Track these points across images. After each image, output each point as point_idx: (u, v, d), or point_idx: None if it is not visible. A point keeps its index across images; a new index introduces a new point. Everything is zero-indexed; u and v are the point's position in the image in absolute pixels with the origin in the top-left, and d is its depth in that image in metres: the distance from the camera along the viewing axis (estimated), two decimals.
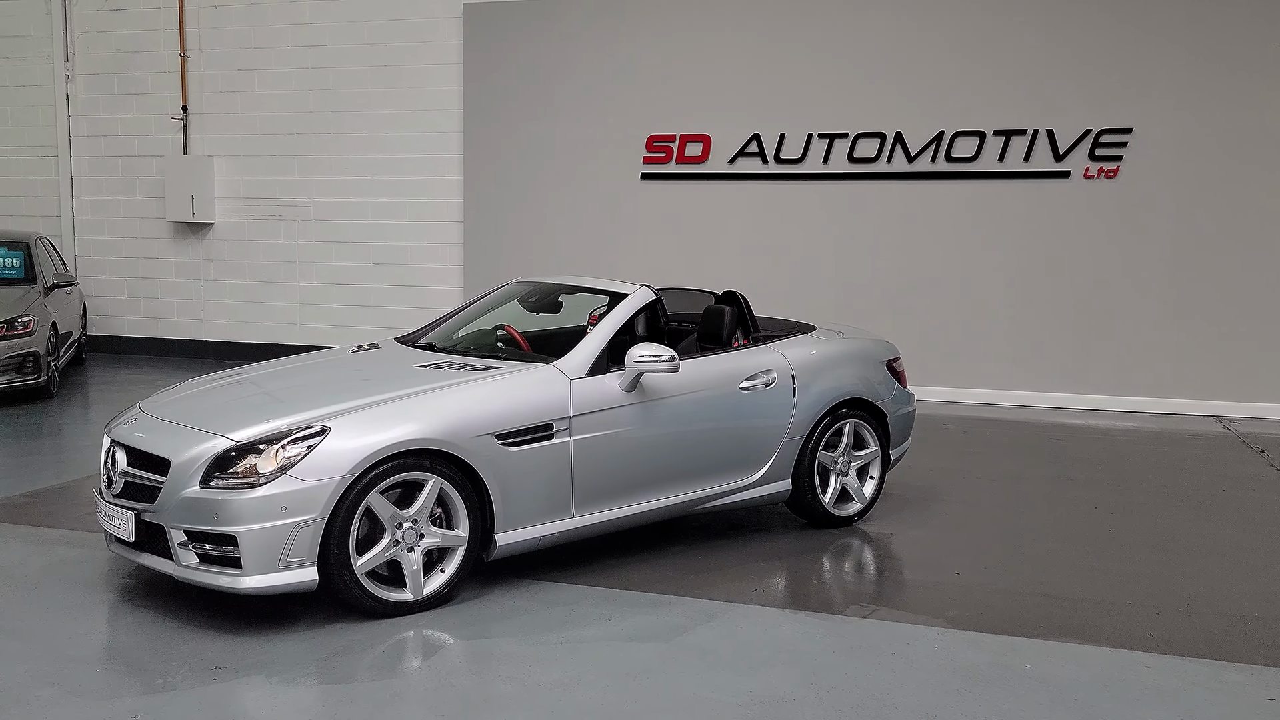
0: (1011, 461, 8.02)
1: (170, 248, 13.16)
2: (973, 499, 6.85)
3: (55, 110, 13.36)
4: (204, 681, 3.93)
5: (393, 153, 12.17)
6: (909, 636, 4.49)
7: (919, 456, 7.96)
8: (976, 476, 7.47)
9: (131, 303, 13.41)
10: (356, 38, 12.19)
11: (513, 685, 3.95)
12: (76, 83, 13.31)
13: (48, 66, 13.34)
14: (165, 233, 13.15)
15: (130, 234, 13.32)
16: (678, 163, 11.27)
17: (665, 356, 5.16)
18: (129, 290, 13.40)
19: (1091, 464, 7.96)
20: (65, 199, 13.46)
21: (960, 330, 10.70)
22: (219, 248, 12.98)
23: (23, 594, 4.81)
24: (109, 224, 13.39)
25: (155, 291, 13.30)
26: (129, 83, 13.10)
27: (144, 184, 13.14)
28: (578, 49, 11.44)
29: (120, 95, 13.16)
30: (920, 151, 10.61)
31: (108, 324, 13.48)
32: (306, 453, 4.37)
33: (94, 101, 13.27)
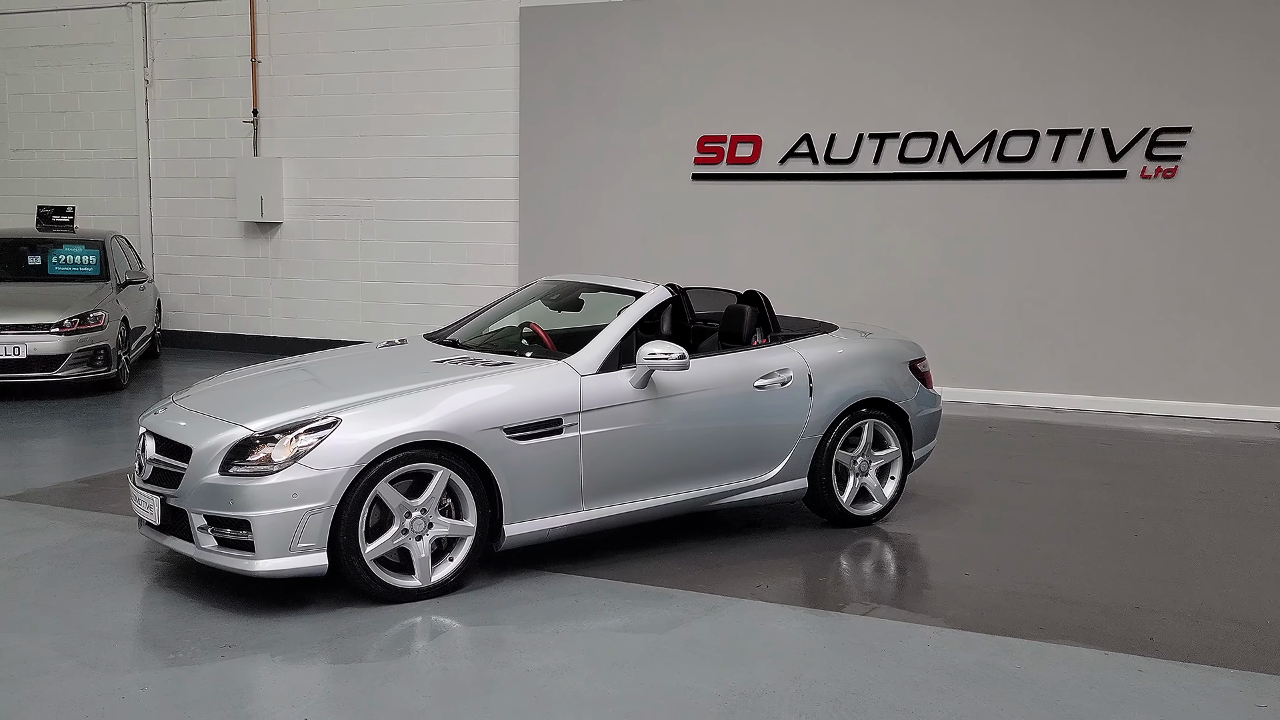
0: (1052, 466, 7.93)
1: (241, 246, 13.62)
2: (1002, 502, 6.80)
3: (135, 114, 13.92)
4: (213, 658, 4.14)
5: (451, 154, 12.44)
6: (903, 634, 4.52)
7: (956, 458, 7.93)
8: (1011, 480, 7.41)
9: (205, 299, 13.91)
10: (417, 41, 12.49)
11: (504, 670, 4.09)
12: (155, 88, 13.85)
13: (129, 72, 13.91)
14: (236, 232, 13.62)
15: (204, 233, 13.82)
16: (728, 163, 11.33)
17: (675, 354, 5.25)
18: (202, 287, 13.90)
19: (1134, 469, 7.84)
20: (144, 199, 14.02)
21: (1013, 333, 10.57)
22: (287, 246, 13.40)
23: (62, 572, 5.10)
24: (184, 223, 13.91)
25: (227, 289, 13.78)
26: (204, 87, 13.59)
27: (217, 185, 13.62)
28: (631, 51, 11.57)
29: (195, 99, 13.66)
30: (972, 151, 10.51)
31: (182, 319, 14.00)
32: (318, 443, 4.56)
33: (171, 105, 13.79)
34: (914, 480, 7.00)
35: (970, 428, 9.43)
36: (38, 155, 14.57)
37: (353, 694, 3.87)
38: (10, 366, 9.60)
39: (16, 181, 14.65)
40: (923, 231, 10.78)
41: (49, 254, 11.21)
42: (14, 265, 11.20)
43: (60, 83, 14.34)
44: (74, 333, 9.84)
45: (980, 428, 9.42)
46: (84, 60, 14.16)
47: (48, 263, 11.17)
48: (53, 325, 9.76)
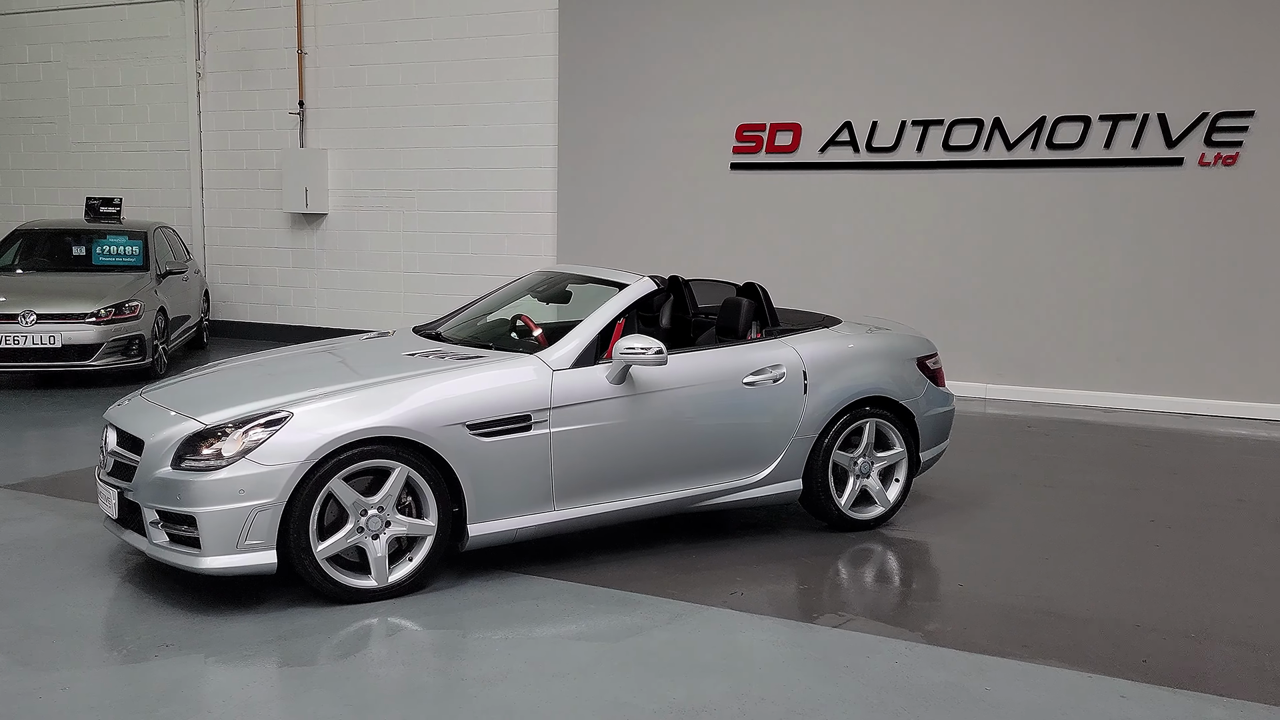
0: (1083, 468, 7.51)
1: (288, 237, 13.72)
2: (1019, 507, 6.44)
3: (187, 107, 14.09)
4: (147, 657, 4.05)
5: (491, 144, 12.34)
6: (873, 649, 4.24)
7: (980, 459, 7.58)
8: (1034, 484, 7.02)
9: (253, 289, 14.04)
10: (459, 31, 12.41)
11: (436, 678, 3.92)
12: (206, 80, 14.00)
13: (181, 65, 14.08)
14: (283, 223, 13.71)
15: (252, 224, 13.94)
16: (767, 152, 11.02)
17: (654, 349, 5.03)
18: (251, 278, 14.04)
19: (1173, 473, 7.39)
20: (195, 191, 14.20)
21: (1060, 327, 10.10)
22: (332, 237, 13.44)
23: (30, 564, 5.07)
24: (234, 214, 14.06)
25: (274, 279, 13.89)
26: (253, 79, 13.70)
27: (265, 176, 13.73)
28: (669, 39, 11.32)
29: (245, 91, 13.77)
30: (1020, 138, 10.05)
31: (232, 310, 14.16)
32: (267, 437, 4.44)
33: (221, 98, 13.94)
34: (928, 483, 6.70)
35: (1008, 427, 9.03)
36: (96, 148, 14.85)
37: (271, 699, 3.74)
38: (46, 355, 9.74)
39: (77, 173, 14.95)
40: (968, 222, 10.35)
41: (93, 244, 11.37)
42: (60, 255, 11.39)
43: (118, 76, 14.59)
44: (109, 322, 9.94)
45: (1018, 427, 9.01)
46: (140, 54, 14.39)
47: (92, 253, 11.33)
48: (88, 315, 9.87)
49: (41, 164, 15.28)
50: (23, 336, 9.67)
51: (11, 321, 9.70)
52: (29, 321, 9.71)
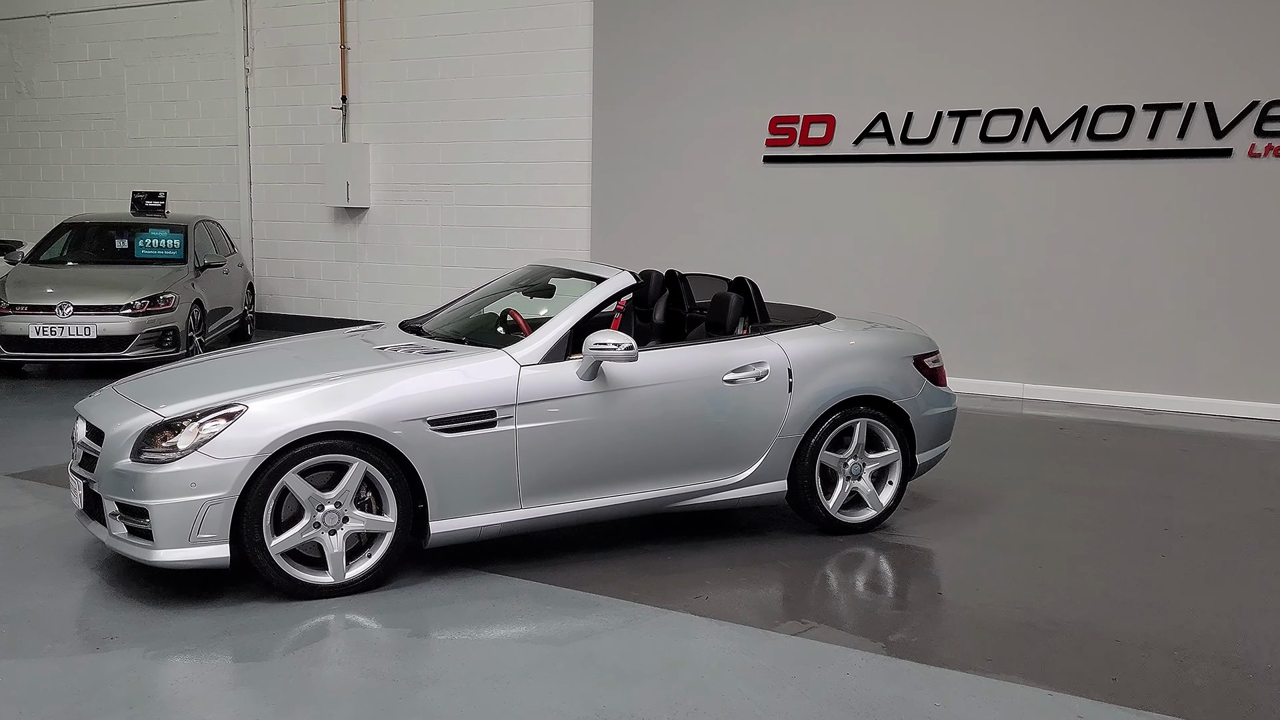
0: (1109, 473, 7.19)
1: (331, 231, 13.85)
2: (1028, 513, 6.18)
3: (236, 102, 14.31)
4: (87, 650, 4.05)
5: (527, 138, 12.30)
6: (827, 660, 4.07)
7: (997, 461, 7.32)
8: (1051, 488, 6.74)
9: (298, 283, 14.21)
10: (496, 25, 12.39)
11: (369, 679, 3.85)
12: (254, 76, 14.20)
13: (231, 62, 14.30)
14: (327, 217, 13.84)
15: (297, 218, 14.11)
16: (800, 144, 10.80)
17: (624, 345, 4.91)
18: (296, 271, 14.21)
19: (1204, 478, 7.05)
20: (244, 185, 14.41)
21: (1101, 326, 9.72)
22: (373, 231, 13.54)
23: (5, 553, 5.13)
24: (280, 209, 14.24)
25: (318, 272, 14.04)
26: (298, 75, 13.85)
27: (309, 171, 13.88)
28: (703, 30, 11.15)
29: (291, 87, 13.93)
30: (1060, 129, 9.69)
31: (278, 302, 14.35)
32: (220, 431, 4.41)
33: (268, 93, 14.12)
34: (933, 485, 6.48)
35: (1039, 428, 8.71)
36: (151, 143, 15.17)
37: (197, 695, 3.71)
38: (82, 346, 9.94)
39: (132, 168, 15.28)
40: (1006, 217, 10.02)
41: (136, 238, 11.59)
42: (104, 248, 11.63)
43: (171, 73, 14.87)
44: (143, 314, 10.11)
45: (1050, 428, 8.69)
46: (192, 51, 14.64)
47: (135, 246, 11.55)
48: (123, 306, 10.05)
49: (100, 159, 15.66)
50: (59, 327, 9.89)
51: (49, 312, 9.93)
52: (66, 312, 9.92)
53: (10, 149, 16.56)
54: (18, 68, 16.26)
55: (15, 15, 16.16)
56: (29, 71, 16.16)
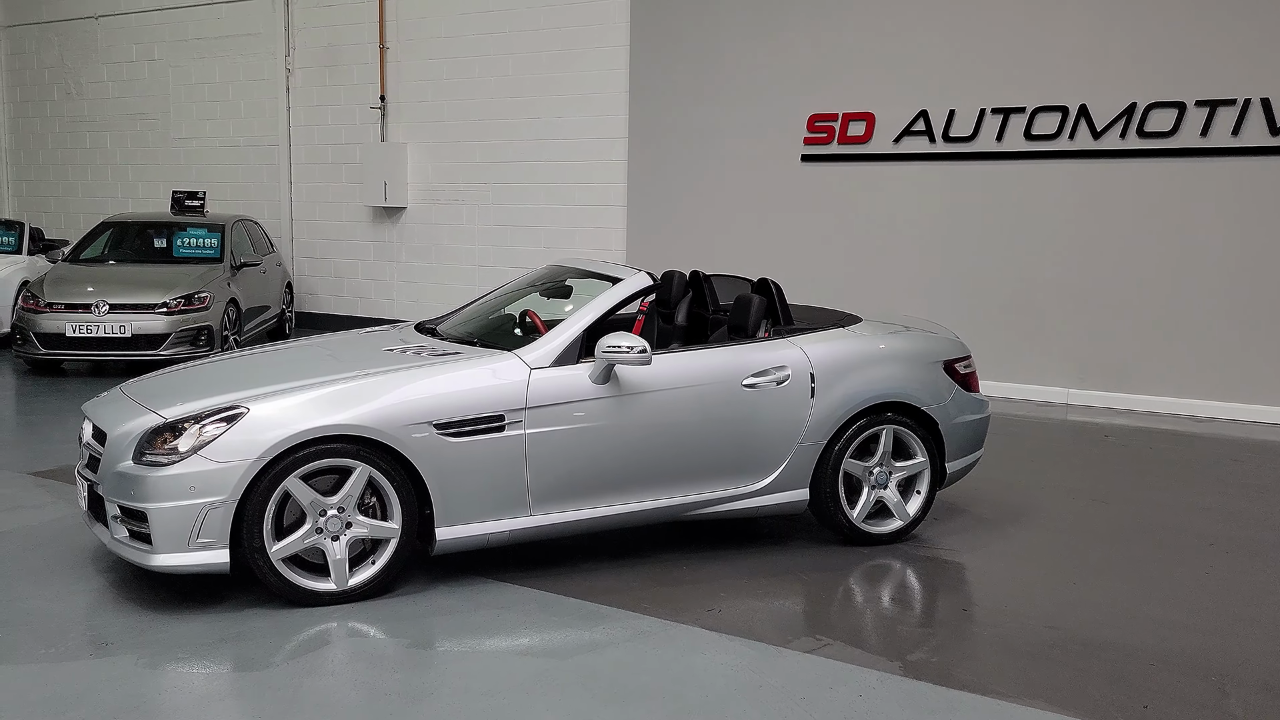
0: (1153, 483, 6.90)
1: (369, 230, 13.84)
2: (1064, 525, 5.93)
3: (277, 102, 14.35)
4: (80, 656, 3.97)
5: (563, 137, 12.19)
6: (839, 680, 3.88)
7: (1036, 470, 7.08)
8: (1090, 498, 6.47)
9: (337, 282, 14.23)
10: (533, 23, 12.29)
11: (360, 692, 3.73)
12: (295, 76, 14.23)
13: (273, 62, 14.35)
14: (365, 216, 13.84)
15: (336, 217, 14.12)
16: (839, 143, 10.56)
17: (638, 348, 4.75)
18: (335, 270, 14.22)
19: (1254, 490, 6.73)
20: (284, 184, 14.46)
21: (1151, 330, 9.38)
22: (410, 230, 13.51)
23: (16, 554, 5.09)
24: (320, 208, 14.26)
25: (356, 271, 14.04)
26: (338, 75, 13.86)
27: (349, 170, 13.88)
28: (740, 27, 10.96)
29: (330, 87, 13.95)
30: (1108, 126, 9.37)
31: (317, 301, 14.38)
32: (220, 434, 4.33)
33: (309, 93, 14.15)
34: (966, 495, 6.25)
35: (1083, 436, 8.42)
36: (195, 142, 15.28)
37: (183, 705, 3.61)
38: (117, 344, 9.99)
39: (177, 167, 15.40)
40: (1051, 217, 9.71)
41: (174, 237, 11.64)
42: (143, 247, 11.70)
43: (215, 73, 14.97)
44: (178, 313, 10.15)
45: (1095, 436, 8.39)
46: (235, 51, 14.72)
47: (173, 245, 11.60)
48: (158, 305, 10.09)
49: (145, 158, 15.81)
50: (95, 325, 9.94)
51: (85, 311, 9.99)
52: (101, 311, 9.97)
53: (59, 149, 16.79)
54: (67, 69, 16.47)
55: (64, 17, 16.37)
56: (77, 72, 16.36)
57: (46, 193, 17.05)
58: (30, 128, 17.08)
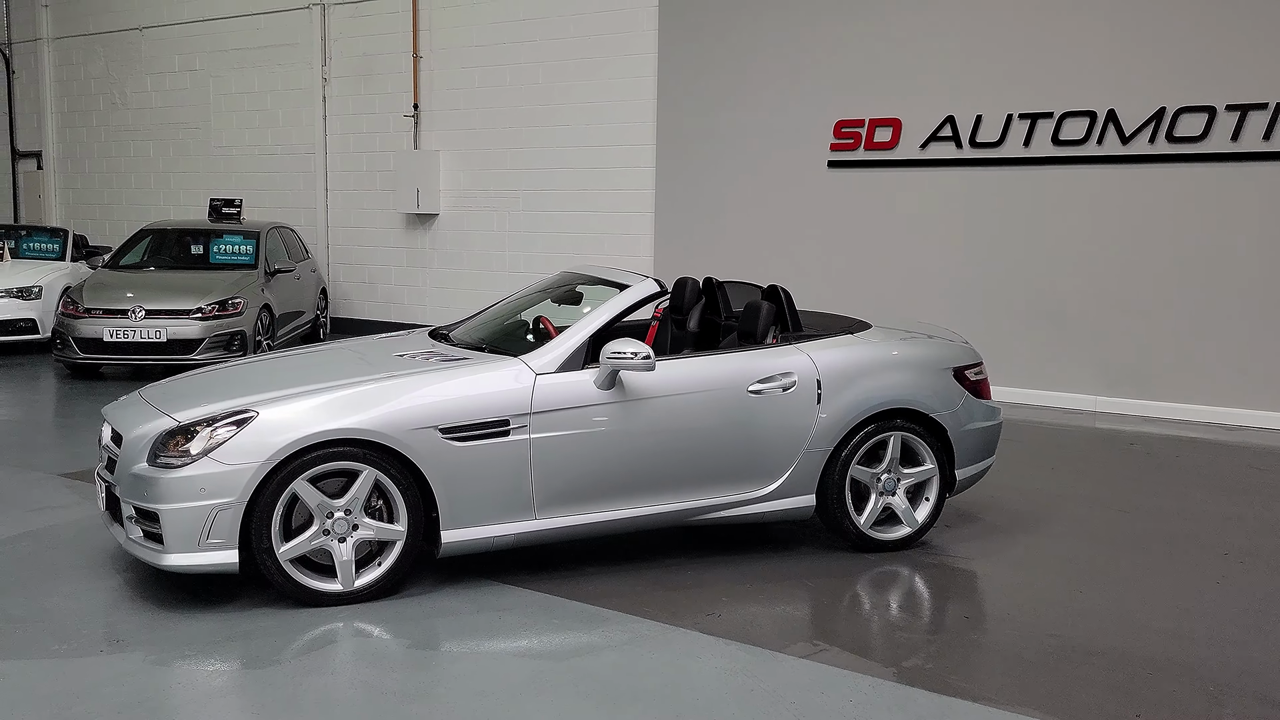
0: (1175, 491, 6.83)
1: (402, 237, 14.02)
2: (1083, 533, 5.89)
3: (314, 111, 14.59)
4: (93, 652, 4.09)
5: (592, 144, 12.28)
6: (831, 685, 3.90)
7: (1054, 478, 7.04)
8: (1109, 507, 6.42)
9: (371, 288, 14.42)
10: (563, 31, 12.40)
11: (358, 691, 3.81)
12: (331, 85, 14.45)
13: (309, 71, 14.58)
14: (399, 223, 14.02)
15: (371, 224, 14.32)
16: (866, 149, 10.55)
17: (642, 354, 4.80)
18: (369, 276, 14.42)
19: (1277, 500, 6.64)
20: (320, 192, 14.68)
21: (1179, 337, 9.28)
22: (442, 237, 13.66)
23: (41, 553, 5.24)
24: (355, 215, 14.47)
25: (390, 277, 14.22)
26: (373, 84, 14.06)
27: (382, 178, 14.07)
28: (767, 34, 10.99)
29: (365, 95, 14.15)
30: (1136, 131, 9.29)
31: (351, 307, 14.58)
32: (230, 437, 4.43)
33: (345, 102, 14.36)
34: (985, 501, 6.26)
35: (1107, 444, 8.35)
36: (235, 151, 15.56)
37: (185, 701, 3.71)
38: (153, 349, 10.21)
39: (218, 176, 15.69)
40: (1079, 223, 9.64)
41: (211, 243, 11.87)
42: (181, 253, 11.95)
43: (254, 82, 15.23)
44: (212, 318, 10.35)
45: (1119, 444, 8.31)
46: (273, 61, 14.97)
47: (210, 251, 11.83)
48: (192, 311, 10.30)
49: (187, 167, 16.13)
50: (132, 330, 10.16)
51: (122, 316, 10.21)
52: (138, 316, 10.19)
53: (105, 158, 17.16)
54: (112, 80, 16.85)
55: (110, 29, 16.74)
56: (122, 83, 16.73)
57: (92, 200, 17.44)
58: (77, 137, 17.48)
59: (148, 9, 16.20)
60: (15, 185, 18.52)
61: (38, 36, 17.55)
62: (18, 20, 17.90)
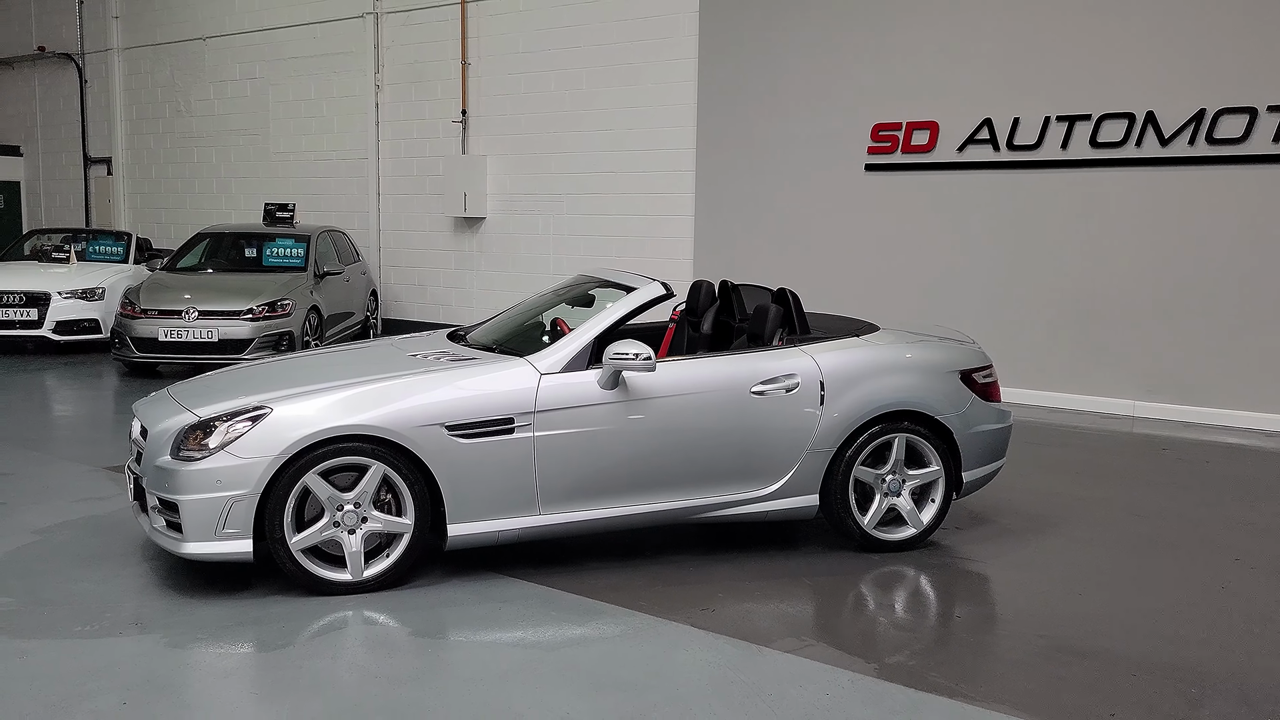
0: (1198, 497, 6.78)
1: (451, 240, 14.30)
2: (1094, 537, 5.88)
3: (367, 117, 14.94)
4: (113, 634, 4.32)
5: (634, 148, 12.43)
6: (809, 679, 3.99)
7: (1075, 482, 7.02)
8: (1130, 511, 6.40)
9: (420, 290, 14.73)
10: (606, 37, 12.56)
11: (354, 674, 3.99)
12: (384, 92, 14.79)
13: (363, 78, 14.94)
14: (447, 226, 14.30)
15: (421, 228, 14.63)
16: (903, 152, 10.56)
17: (643, 355, 4.93)
18: (419, 279, 14.73)
19: None
20: (373, 196, 15.02)
21: (1220, 341, 9.16)
22: (489, 240, 13.92)
23: (81, 540, 5.52)
24: (405, 219, 14.79)
25: (439, 280, 14.52)
26: (423, 90, 14.37)
27: (432, 182, 14.37)
28: (806, 37, 11.05)
29: (416, 101, 14.46)
30: (1176, 133, 9.19)
31: (402, 309, 14.90)
32: (246, 431, 4.65)
33: (396, 108, 14.69)
34: (1001, 504, 6.32)
35: (1139, 448, 8.29)
36: (292, 156, 15.98)
37: (189, 681, 3.92)
38: (205, 349, 10.57)
39: (276, 181, 16.13)
40: (1117, 226, 9.56)
41: (264, 247, 12.24)
42: (235, 256, 12.35)
43: (310, 90, 15.64)
44: (261, 319, 10.69)
45: (1152, 449, 8.25)
46: (329, 69, 15.36)
47: (263, 254, 12.20)
48: (243, 312, 10.65)
49: (247, 172, 16.60)
50: (185, 330, 10.54)
51: (176, 317, 10.59)
52: (191, 317, 10.57)
53: (171, 164, 17.73)
54: (177, 88, 17.40)
55: (176, 39, 17.29)
56: (187, 91, 17.27)
57: (159, 204, 18.03)
58: (144, 144, 18.08)
59: (211, 19, 16.72)
60: (87, 191, 19.21)
61: (108, 47, 18.19)
62: (90, 32, 18.56)
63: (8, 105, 20.42)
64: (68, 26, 18.85)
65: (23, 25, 19.58)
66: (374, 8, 14.64)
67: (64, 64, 19.04)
